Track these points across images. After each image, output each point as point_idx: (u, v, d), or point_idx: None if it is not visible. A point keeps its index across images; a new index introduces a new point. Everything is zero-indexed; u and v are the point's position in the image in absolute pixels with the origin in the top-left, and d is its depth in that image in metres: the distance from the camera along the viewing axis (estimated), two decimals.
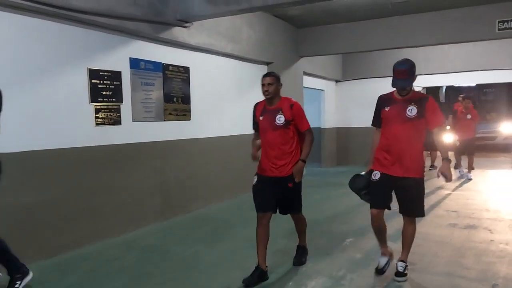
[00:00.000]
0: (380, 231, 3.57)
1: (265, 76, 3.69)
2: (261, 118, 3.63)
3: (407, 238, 3.53)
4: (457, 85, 11.46)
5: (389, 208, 3.45)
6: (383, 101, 3.56)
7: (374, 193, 3.43)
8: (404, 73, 3.31)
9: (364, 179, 3.48)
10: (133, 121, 5.00)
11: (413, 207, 3.39)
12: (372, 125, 3.64)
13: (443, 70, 10.21)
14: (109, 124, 4.69)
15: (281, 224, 4.29)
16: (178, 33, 5.38)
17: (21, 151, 3.80)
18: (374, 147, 3.54)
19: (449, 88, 16.53)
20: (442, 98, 16.56)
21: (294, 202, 3.66)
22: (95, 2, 4.19)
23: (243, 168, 7.19)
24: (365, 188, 3.47)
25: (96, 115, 4.53)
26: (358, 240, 4.54)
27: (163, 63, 5.47)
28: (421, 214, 3.48)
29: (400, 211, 3.46)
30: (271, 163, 3.51)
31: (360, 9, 7.21)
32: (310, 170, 9.96)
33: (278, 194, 3.52)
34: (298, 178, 3.54)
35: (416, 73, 3.42)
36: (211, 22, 5.91)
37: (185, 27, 5.43)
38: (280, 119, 3.47)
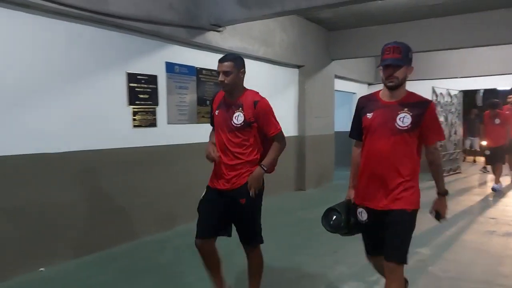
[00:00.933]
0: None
1: (220, 61, 2.76)
2: (216, 112, 2.82)
3: None
4: (500, 88, 10.98)
5: None
6: (363, 104, 2.61)
7: (367, 242, 2.66)
8: (397, 50, 2.40)
9: (340, 216, 2.61)
10: (168, 124, 5.13)
11: (393, 249, 2.38)
12: (350, 136, 2.79)
13: (480, 73, 9.90)
14: (145, 126, 4.83)
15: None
16: (211, 37, 5.49)
17: (63, 151, 3.98)
18: (353, 168, 2.68)
19: (487, 92, 15.99)
20: (479, 101, 16.02)
21: (248, 227, 2.84)
22: (134, 7, 4.34)
23: (276, 171, 7.22)
24: (346, 228, 2.64)
25: (134, 117, 4.68)
26: None
27: (197, 67, 5.58)
28: (403, 260, 2.40)
29: (378, 253, 2.53)
30: (222, 172, 2.75)
31: (394, 11, 7.10)
32: (340, 174, 9.86)
33: (228, 214, 2.78)
34: (254, 191, 2.72)
35: (453, 76, 3.09)
36: (244, 26, 5.99)
37: (218, 31, 5.53)
38: (239, 118, 2.66)
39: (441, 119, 9.63)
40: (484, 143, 8.37)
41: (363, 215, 2.48)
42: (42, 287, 3.47)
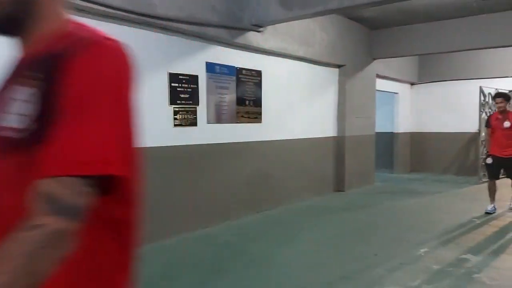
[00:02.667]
0: None
1: None
2: None
3: None
4: None
5: None
6: None
7: None
8: None
9: None
10: (207, 123, 5.22)
11: None
12: None
13: None
14: (186, 125, 4.93)
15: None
16: (252, 37, 5.52)
17: None
18: None
19: None
20: None
21: None
22: (178, 9, 4.45)
23: (314, 172, 7.19)
24: None
25: (175, 116, 4.80)
26: (435, 250, 4.32)
27: (237, 67, 5.64)
28: None
29: None
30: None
31: (441, 8, 6.85)
32: (381, 176, 9.65)
33: None
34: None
35: (504, 75, 2.80)
36: (284, 26, 5.99)
37: (259, 31, 5.56)
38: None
39: None
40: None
41: None
42: None
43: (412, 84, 10.97)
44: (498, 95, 6.06)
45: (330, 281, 3.50)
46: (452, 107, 10.13)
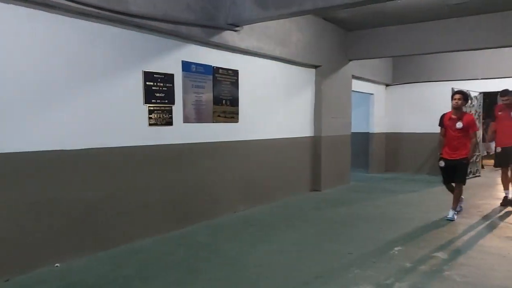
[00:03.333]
0: None
1: None
2: None
3: None
4: None
5: None
6: None
7: None
8: None
9: None
10: (183, 122, 5.16)
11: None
12: None
13: (502, 75, 9.65)
14: (161, 124, 4.87)
15: None
16: (228, 37, 5.50)
17: (82, 148, 4.04)
18: None
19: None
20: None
21: None
22: (152, 7, 4.38)
23: (290, 171, 7.22)
24: None
25: (150, 115, 4.72)
26: (408, 248, 4.40)
27: (214, 66, 5.60)
28: None
29: None
30: None
31: (414, 11, 6.99)
32: (356, 175, 9.79)
33: None
34: None
35: (474, 78, 3.00)
36: (261, 26, 5.99)
37: (235, 31, 5.54)
38: None
39: None
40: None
41: None
42: (60, 282, 3.52)
43: (387, 85, 11.17)
44: (458, 92, 5.68)
45: (306, 281, 3.52)
46: (425, 108, 10.36)
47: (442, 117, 5.84)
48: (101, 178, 4.24)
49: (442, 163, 5.70)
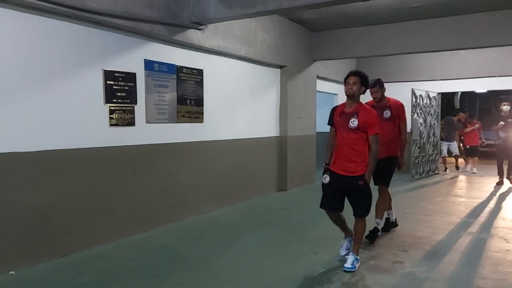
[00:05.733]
0: None
1: None
2: None
3: None
4: (477, 91, 11.19)
5: None
6: None
7: None
8: None
9: None
10: (146, 123, 5.02)
11: None
12: None
13: (459, 76, 10.07)
14: (123, 125, 4.71)
15: None
16: (192, 35, 5.40)
17: (36, 150, 3.84)
18: None
19: (464, 94, 16.33)
20: (457, 104, 16.36)
21: None
22: (112, 3, 4.23)
23: (255, 172, 7.19)
24: None
25: (111, 116, 4.56)
26: (372, 247, 4.47)
27: (177, 65, 5.49)
28: None
29: None
30: None
31: (376, 14, 7.15)
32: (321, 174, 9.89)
33: None
34: None
35: (433, 79, 3.08)
36: (226, 25, 5.93)
37: (200, 29, 5.45)
38: None
39: (420, 121, 9.77)
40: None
41: None
42: None
43: None
44: (353, 73, 4.17)
45: (271, 282, 3.50)
46: None
47: (333, 111, 4.02)
48: (58, 181, 4.04)
49: (326, 178, 3.89)
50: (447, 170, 11.03)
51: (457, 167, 11.15)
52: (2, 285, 3.42)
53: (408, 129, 9.88)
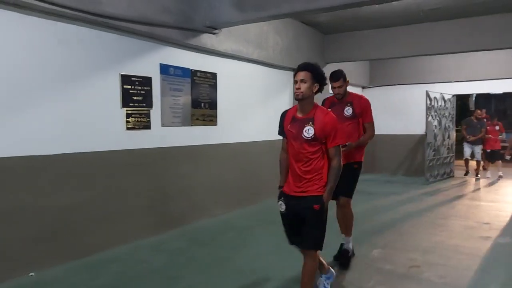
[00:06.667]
0: None
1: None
2: None
3: None
4: (492, 92, 10.88)
5: None
6: None
7: None
8: None
9: None
10: (162, 126, 5.08)
11: None
12: None
13: (474, 78, 9.94)
14: (139, 128, 4.77)
15: None
16: (206, 39, 5.45)
17: (56, 153, 3.92)
18: None
19: (479, 96, 16.13)
20: (471, 105, 16.17)
21: None
22: (128, 9, 4.30)
23: (268, 174, 7.20)
24: None
25: (127, 119, 4.63)
26: (387, 250, 4.45)
27: (192, 69, 5.54)
28: None
29: None
30: None
31: (390, 16, 7.11)
32: None
33: None
34: None
35: (447, 80, 2.96)
36: (239, 29, 5.96)
37: (213, 33, 5.50)
38: None
39: (435, 123, 9.67)
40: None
41: None
42: None
43: (363, 87, 11.33)
44: (302, 67, 3.20)
45: (285, 284, 3.50)
46: (401, 110, 10.57)
47: (282, 117, 3.13)
48: (75, 184, 4.12)
49: (282, 206, 3.00)
50: (469, 173, 10.42)
51: (476, 174, 10.29)
52: (22, 286, 3.50)
53: (422, 131, 9.95)
